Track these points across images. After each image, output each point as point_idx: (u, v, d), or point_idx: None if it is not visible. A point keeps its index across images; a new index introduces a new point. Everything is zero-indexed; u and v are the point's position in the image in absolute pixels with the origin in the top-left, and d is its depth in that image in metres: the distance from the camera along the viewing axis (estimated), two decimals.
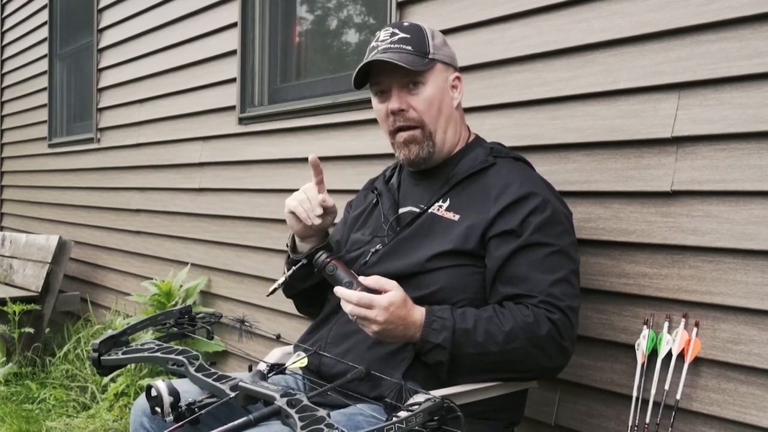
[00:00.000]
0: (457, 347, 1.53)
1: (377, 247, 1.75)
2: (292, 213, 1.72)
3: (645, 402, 1.75)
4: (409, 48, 1.70)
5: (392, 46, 1.71)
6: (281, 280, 1.72)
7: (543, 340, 1.54)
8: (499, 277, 1.62)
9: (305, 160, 3.01)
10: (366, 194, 1.99)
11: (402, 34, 1.72)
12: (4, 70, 6.89)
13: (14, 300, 4.37)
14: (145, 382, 3.44)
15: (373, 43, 1.75)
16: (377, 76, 1.74)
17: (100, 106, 4.90)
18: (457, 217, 1.69)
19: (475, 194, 1.71)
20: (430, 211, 1.74)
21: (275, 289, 1.71)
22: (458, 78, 1.80)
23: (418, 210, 1.76)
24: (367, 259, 1.75)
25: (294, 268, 1.74)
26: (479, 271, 1.65)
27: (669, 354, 1.72)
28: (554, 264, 1.60)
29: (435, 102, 1.73)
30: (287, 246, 1.82)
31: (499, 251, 1.62)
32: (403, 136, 1.75)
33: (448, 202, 1.73)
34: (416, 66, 1.69)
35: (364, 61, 1.72)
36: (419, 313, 1.55)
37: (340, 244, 1.90)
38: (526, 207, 1.64)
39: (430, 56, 1.72)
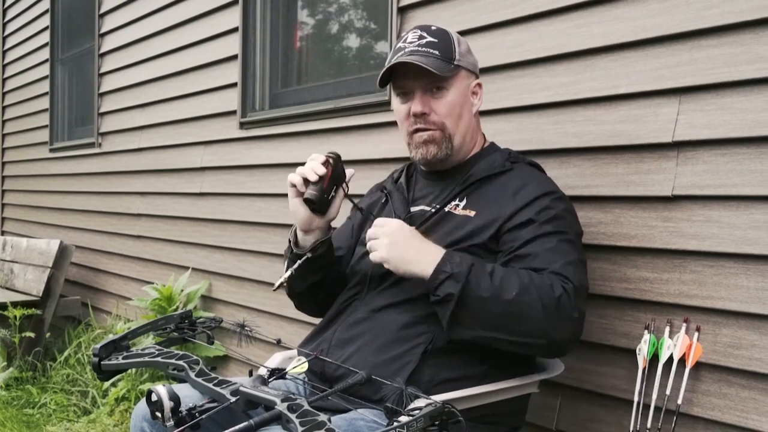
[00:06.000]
0: (469, 286, 1.50)
1: None
2: (294, 186, 1.70)
3: (646, 407, 1.75)
4: (436, 53, 1.72)
5: (420, 49, 1.73)
6: (287, 274, 1.71)
7: (556, 302, 1.50)
8: (512, 259, 1.62)
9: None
10: (371, 197, 1.99)
11: (429, 38, 1.75)
12: (6, 75, 6.90)
13: (15, 304, 4.36)
14: (145, 386, 3.44)
15: (400, 44, 1.77)
16: (402, 78, 1.76)
17: (102, 110, 4.90)
18: (473, 214, 1.71)
19: (492, 193, 1.73)
20: (445, 209, 1.75)
21: (281, 284, 1.70)
22: (479, 85, 1.83)
23: (431, 209, 1.77)
24: None
25: (300, 261, 1.72)
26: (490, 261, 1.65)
27: (670, 359, 1.72)
28: (565, 249, 1.61)
29: (456, 107, 1.76)
30: (289, 242, 1.80)
31: (514, 238, 1.63)
32: (422, 136, 1.77)
33: (464, 201, 1.75)
34: (442, 71, 1.71)
35: (393, 61, 1.73)
36: (438, 248, 1.58)
37: (344, 251, 1.91)
38: (542, 202, 1.67)
39: (455, 62, 1.75)
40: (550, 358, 1.80)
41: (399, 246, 1.58)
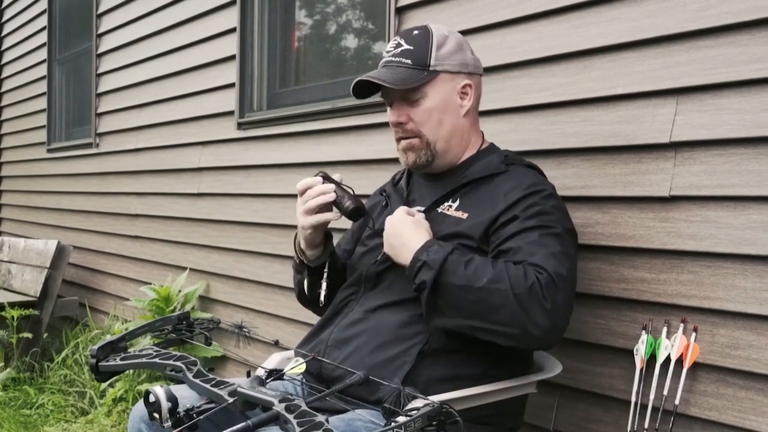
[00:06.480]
0: (444, 274, 1.54)
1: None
2: (314, 225, 1.74)
3: (644, 407, 1.75)
4: (408, 62, 1.73)
5: (393, 59, 1.75)
6: (324, 287, 1.80)
7: (526, 292, 1.50)
8: (497, 255, 1.62)
9: (304, 165, 3.04)
10: (373, 200, 2.00)
11: (405, 46, 1.75)
12: (3, 75, 6.89)
13: (12, 305, 4.36)
14: (143, 387, 3.44)
15: (384, 53, 1.80)
16: (382, 89, 1.77)
17: (99, 111, 4.90)
18: (465, 216, 1.71)
19: (485, 196, 1.72)
20: (439, 210, 1.75)
21: (325, 296, 1.80)
22: (469, 85, 1.79)
23: (425, 210, 1.77)
24: (378, 258, 1.76)
25: (326, 271, 1.82)
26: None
27: (668, 359, 1.72)
28: (548, 242, 1.60)
29: (434, 113, 1.75)
30: (297, 260, 1.87)
31: (499, 235, 1.64)
32: (402, 144, 1.79)
33: (457, 202, 1.75)
34: (406, 83, 1.71)
35: (360, 77, 1.75)
36: (423, 238, 1.62)
37: (347, 253, 1.93)
38: (529, 199, 1.67)
39: (430, 68, 1.73)
40: (532, 349, 1.79)
41: (390, 239, 1.66)
